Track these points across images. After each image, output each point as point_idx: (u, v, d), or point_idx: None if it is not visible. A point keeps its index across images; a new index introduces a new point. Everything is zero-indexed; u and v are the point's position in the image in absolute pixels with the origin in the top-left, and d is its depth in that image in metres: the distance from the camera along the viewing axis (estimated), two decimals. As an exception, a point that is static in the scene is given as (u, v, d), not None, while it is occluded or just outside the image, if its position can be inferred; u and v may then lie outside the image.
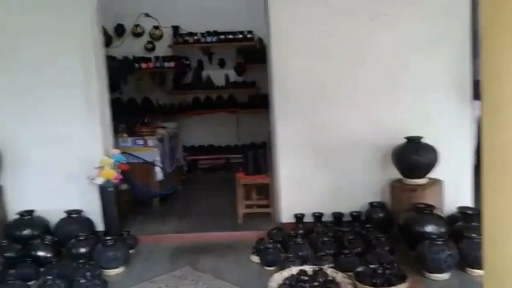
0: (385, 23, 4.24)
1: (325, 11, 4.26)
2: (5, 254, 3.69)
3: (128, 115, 6.13)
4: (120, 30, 7.12)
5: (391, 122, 4.29)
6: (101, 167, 4.24)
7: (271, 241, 3.93)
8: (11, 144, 4.31)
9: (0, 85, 4.30)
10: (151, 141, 5.33)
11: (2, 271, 3.49)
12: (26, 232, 4.09)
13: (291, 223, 4.32)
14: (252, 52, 7.00)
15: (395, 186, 4.24)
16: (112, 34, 7.06)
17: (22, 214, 4.20)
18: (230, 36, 7.00)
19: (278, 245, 3.83)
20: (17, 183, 4.36)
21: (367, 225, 4.06)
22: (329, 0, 4.26)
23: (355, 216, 4.30)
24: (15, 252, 3.81)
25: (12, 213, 4.28)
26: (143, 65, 7.03)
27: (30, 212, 4.22)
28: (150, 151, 5.26)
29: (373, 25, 4.24)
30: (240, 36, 6.99)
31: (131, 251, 4.06)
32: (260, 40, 6.84)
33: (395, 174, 4.24)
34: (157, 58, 7.06)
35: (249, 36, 6.97)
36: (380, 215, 4.24)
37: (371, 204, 4.31)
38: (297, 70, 4.34)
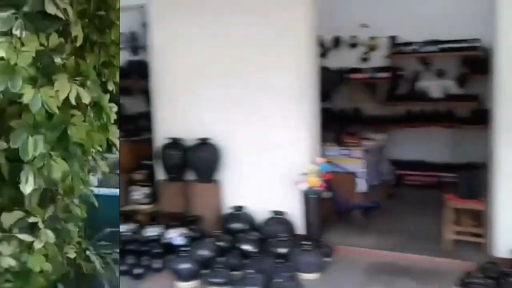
0: None
1: None
2: (216, 243, 4.14)
3: (337, 125, 6.22)
4: (336, 41, 7.31)
5: None
6: (307, 174, 4.40)
7: (482, 276, 3.49)
8: (231, 147, 4.84)
9: (224, 97, 4.86)
10: (356, 152, 5.28)
11: (213, 257, 3.93)
12: (236, 225, 4.52)
13: (508, 259, 3.74)
14: (478, 62, 6.28)
15: None
16: (330, 46, 7.29)
17: (235, 208, 4.66)
18: (452, 45, 6.43)
19: (491, 282, 3.38)
20: (232, 181, 4.87)
21: None
22: None
23: None
24: (227, 242, 4.22)
25: (227, 207, 4.80)
26: (357, 76, 7.02)
27: (240, 207, 4.66)
28: (354, 162, 5.22)
29: None
30: (464, 44, 6.34)
31: (326, 259, 4.10)
32: (487, 49, 6.11)
33: None
34: (370, 68, 6.99)
35: (475, 44, 6.27)
36: None
37: None
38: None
